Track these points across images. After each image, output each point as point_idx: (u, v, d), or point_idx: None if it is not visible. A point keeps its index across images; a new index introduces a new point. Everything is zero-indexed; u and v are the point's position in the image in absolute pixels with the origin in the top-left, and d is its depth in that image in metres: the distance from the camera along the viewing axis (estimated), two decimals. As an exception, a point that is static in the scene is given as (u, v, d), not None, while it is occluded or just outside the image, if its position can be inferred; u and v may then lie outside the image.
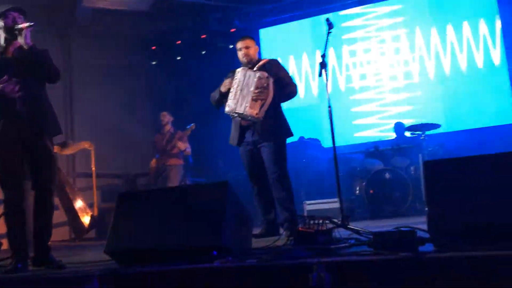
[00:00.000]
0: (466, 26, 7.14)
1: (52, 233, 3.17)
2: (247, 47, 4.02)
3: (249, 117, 3.80)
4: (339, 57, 7.85)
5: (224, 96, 3.93)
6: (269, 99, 3.78)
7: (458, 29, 7.19)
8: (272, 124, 3.91)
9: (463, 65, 7.13)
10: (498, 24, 6.95)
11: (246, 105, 3.73)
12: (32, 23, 3.04)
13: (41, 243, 3.08)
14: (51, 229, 3.16)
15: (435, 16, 7.36)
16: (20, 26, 3.02)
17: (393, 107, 7.43)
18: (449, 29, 7.24)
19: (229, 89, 3.89)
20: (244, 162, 4.09)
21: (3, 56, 3.10)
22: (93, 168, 6.28)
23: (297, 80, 7.95)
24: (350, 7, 7.80)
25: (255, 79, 3.75)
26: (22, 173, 3.10)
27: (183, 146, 6.32)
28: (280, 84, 3.92)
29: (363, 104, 7.66)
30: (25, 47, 3.03)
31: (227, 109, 3.87)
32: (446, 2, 7.33)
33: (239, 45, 4.07)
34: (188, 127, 6.40)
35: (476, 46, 7.08)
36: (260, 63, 4.00)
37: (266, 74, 3.79)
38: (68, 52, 7.22)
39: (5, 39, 3.10)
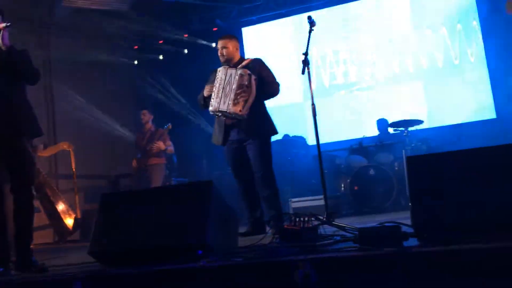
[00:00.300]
0: (444, 24, 7.24)
1: (33, 235, 3.11)
2: (223, 47, 4.01)
3: (233, 115, 3.78)
4: (322, 54, 7.88)
5: (209, 98, 3.91)
6: (252, 96, 3.78)
7: (435, 27, 7.29)
8: (257, 122, 3.90)
9: (440, 60, 7.23)
10: (476, 20, 7.06)
11: (229, 102, 3.72)
12: (8, 23, 2.97)
13: (23, 246, 3.02)
14: (31, 232, 3.10)
15: (413, 13, 7.45)
16: None
17: (376, 103, 7.48)
18: (427, 26, 7.34)
19: (212, 91, 3.88)
20: (229, 161, 4.08)
21: None
22: (73, 169, 6.20)
23: (280, 78, 7.94)
24: (331, 6, 7.84)
25: (237, 77, 3.75)
26: (0, 176, 3.03)
27: (163, 145, 6.21)
28: (263, 83, 3.91)
29: (346, 101, 7.71)
30: (3, 47, 2.96)
31: (210, 108, 3.86)
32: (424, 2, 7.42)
33: (218, 44, 4.09)
34: (165, 127, 6.33)
35: (452, 42, 7.19)
36: (244, 62, 3.99)
37: (247, 71, 3.78)
38: (48, 51, 7.09)
39: None
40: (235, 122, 3.91)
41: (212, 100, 3.83)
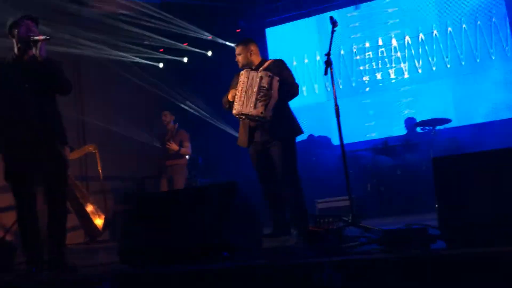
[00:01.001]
0: (466, 22, 7.09)
1: (66, 236, 3.21)
2: (238, 54, 4.08)
3: (256, 117, 3.80)
4: (347, 53, 7.82)
5: (233, 102, 3.95)
6: (274, 98, 3.79)
7: (456, 24, 7.14)
8: (280, 123, 3.91)
9: (465, 58, 7.09)
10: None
11: (251, 105, 3.76)
12: (48, 37, 3.06)
13: (55, 247, 3.11)
14: (64, 233, 3.19)
15: (440, 10, 7.31)
16: (36, 38, 3.03)
17: (402, 102, 7.37)
18: (451, 23, 7.20)
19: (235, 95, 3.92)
20: (254, 162, 4.09)
21: (18, 63, 3.13)
22: (100, 170, 6.32)
23: (305, 78, 7.94)
24: (355, 4, 7.76)
25: (258, 80, 3.78)
26: (33, 179, 3.13)
27: (176, 147, 6.23)
28: (283, 84, 3.92)
29: (371, 100, 7.62)
30: (39, 58, 3.05)
31: (234, 111, 3.90)
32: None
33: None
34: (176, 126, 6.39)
35: (475, 39, 7.03)
36: (265, 64, 4.00)
37: (269, 74, 3.80)
38: (76, 57, 7.26)
39: (19, 48, 3.11)
40: (259, 124, 3.93)
41: (235, 103, 3.86)
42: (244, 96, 3.81)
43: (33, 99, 3.06)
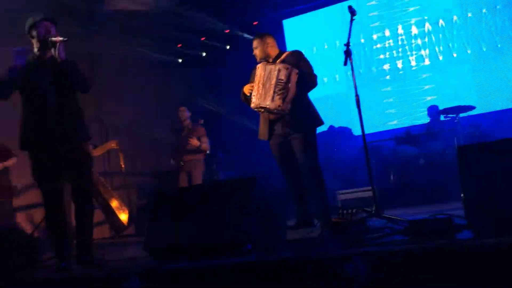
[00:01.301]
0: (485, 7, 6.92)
1: (93, 232, 3.28)
2: (254, 48, 4.07)
3: (275, 110, 3.80)
4: (367, 41, 7.73)
5: (250, 96, 3.95)
6: (292, 91, 3.78)
7: (476, 9, 6.97)
8: (300, 115, 3.90)
9: (485, 44, 6.93)
10: None
11: (269, 98, 3.75)
12: (66, 39, 3.11)
13: (84, 242, 3.19)
14: (92, 229, 3.26)
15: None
16: (54, 39, 3.08)
17: (424, 90, 7.27)
18: (470, 9, 7.04)
19: (252, 89, 3.91)
20: (275, 155, 4.09)
21: (38, 63, 3.19)
22: (122, 165, 6.40)
23: (324, 69, 7.89)
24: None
25: (275, 72, 3.77)
26: (60, 176, 3.20)
27: (197, 142, 6.25)
28: (301, 75, 3.90)
29: (392, 89, 7.52)
30: (58, 60, 3.10)
31: (252, 105, 3.90)
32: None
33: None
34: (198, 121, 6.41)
35: (495, 25, 6.86)
36: (282, 56, 3.99)
37: (287, 66, 3.79)
38: (94, 54, 7.35)
39: (38, 49, 3.18)
40: (279, 116, 3.93)
41: (253, 97, 3.86)
42: (262, 90, 3.80)
43: (55, 97, 3.11)
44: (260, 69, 3.88)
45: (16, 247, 3.38)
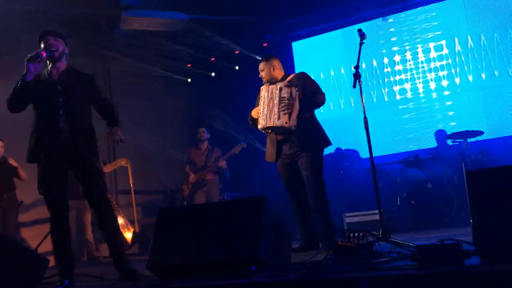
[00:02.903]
0: (497, 35, 6.95)
1: (123, 242, 3.22)
2: (260, 70, 4.13)
3: (282, 129, 3.82)
4: (376, 65, 7.76)
5: (257, 119, 4.01)
6: (296, 108, 3.80)
7: (489, 36, 7.01)
8: (307, 135, 3.91)
9: (497, 70, 6.93)
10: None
11: (275, 117, 3.80)
12: (54, 49, 3.14)
13: (117, 255, 3.16)
14: (121, 239, 3.22)
15: (470, 23, 7.19)
16: (40, 52, 3.09)
17: (433, 114, 7.26)
18: (482, 35, 7.06)
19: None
20: (282, 176, 4.09)
21: (48, 76, 3.23)
22: (131, 184, 6.42)
23: (332, 91, 7.92)
24: (380, 17, 7.74)
25: (277, 91, 3.83)
26: (66, 192, 3.20)
27: (224, 164, 6.44)
28: (309, 93, 3.92)
29: (400, 112, 7.52)
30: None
31: (259, 126, 3.95)
32: (481, 10, 7.15)
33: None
34: (239, 144, 6.49)
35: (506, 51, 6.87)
36: (288, 78, 4.04)
37: (286, 84, 3.85)
38: (108, 72, 7.45)
39: (48, 62, 3.24)
40: (286, 137, 3.94)
41: (259, 118, 3.91)
42: (266, 110, 3.85)
43: (65, 110, 3.14)
44: (263, 90, 3.95)
45: (20, 263, 3.36)
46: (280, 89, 3.82)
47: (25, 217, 6.21)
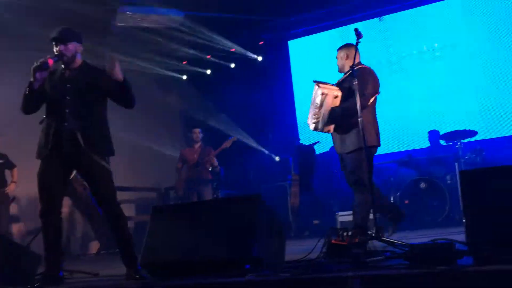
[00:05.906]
0: (492, 35, 6.99)
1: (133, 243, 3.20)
2: (337, 58, 4.12)
3: (314, 130, 3.89)
4: (374, 65, 7.75)
5: None
6: (323, 115, 3.77)
7: (485, 36, 7.04)
8: (347, 137, 3.89)
9: (490, 69, 6.97)
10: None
11: (310, 120, 3.88)
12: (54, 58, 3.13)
13: (128, 256, 3.13)
14: (131, 239, 3.20)
15: (466, 23, 7.21)
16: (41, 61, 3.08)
17: (427, 114, 7.27)
18: (477, 33, 7.10)
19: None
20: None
21: (60, 74, 3.22)
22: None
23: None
24: (378, 16, 7.75)
25: (314, 95, 3.84)
26: (61, 192, 3.17)
27: (216, 162, 6.47)
28: (343, 103, 3.79)
29: (395, 112, 7.54)
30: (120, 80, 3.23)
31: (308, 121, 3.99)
32: (477, 10, 7.17)
33: None
34: (229, 138, 6.51)
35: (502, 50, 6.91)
36: (347, 73, 3.95)
37: (323, 90, 3.74)
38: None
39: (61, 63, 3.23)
40: (332, 135, 3.98)
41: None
42: (310, 109, 3.90)
43: (72, 109, 3.12)
44: (313, 90, 3.90)
45: (13, 260, 3.33)
46: (316, 94, 3.79)
47: (17, 211, 6.19)
